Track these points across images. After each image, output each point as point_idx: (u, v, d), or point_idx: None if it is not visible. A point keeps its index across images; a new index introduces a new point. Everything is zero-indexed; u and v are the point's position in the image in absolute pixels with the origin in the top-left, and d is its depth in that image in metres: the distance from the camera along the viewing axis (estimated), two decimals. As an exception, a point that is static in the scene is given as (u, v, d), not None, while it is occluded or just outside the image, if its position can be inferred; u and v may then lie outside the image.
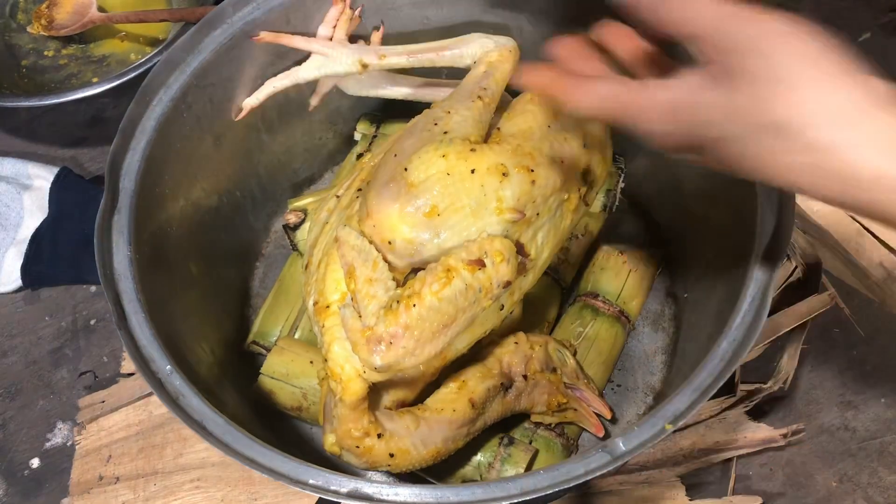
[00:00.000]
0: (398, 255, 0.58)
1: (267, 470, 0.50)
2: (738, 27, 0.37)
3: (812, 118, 0.34)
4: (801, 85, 0.35)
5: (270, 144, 0.79)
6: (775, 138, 0.35)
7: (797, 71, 0.35)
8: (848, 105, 0.34)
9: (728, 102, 0.36)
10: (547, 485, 0.49)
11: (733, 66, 0.36)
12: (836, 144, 0.34)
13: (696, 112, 0.38)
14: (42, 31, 0.96)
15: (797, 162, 0.35)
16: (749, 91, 0.36)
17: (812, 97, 0.35)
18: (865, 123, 0.34)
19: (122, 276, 0.58)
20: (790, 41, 0.36)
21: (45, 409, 0.79)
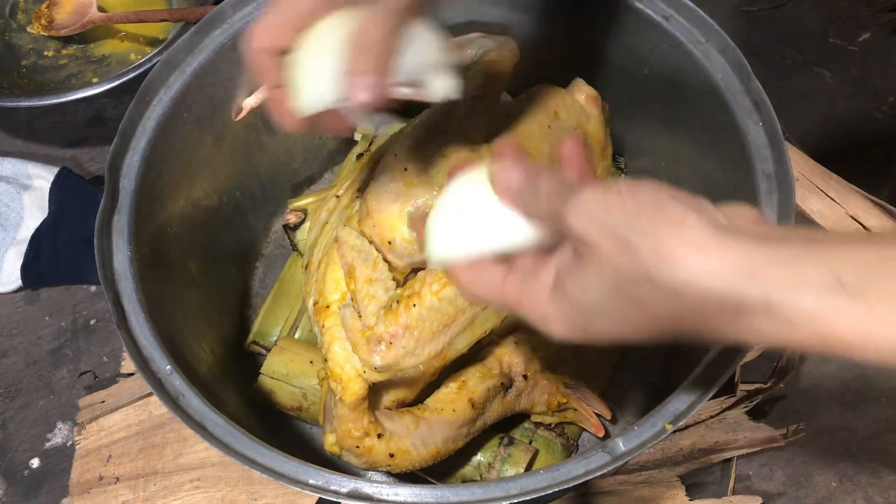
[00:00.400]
0: (398, 254, 0.58)
1: (267, 470, 0.50)
2: (565, 220, 0.36)
3: (673, 260, 0.32)
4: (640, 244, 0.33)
5: (270, 144, 0.79)
6: (648, 291, 0.33)
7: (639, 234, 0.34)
8: (700, 241, 0.32)
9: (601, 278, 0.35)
10: (547, 485, 0.49)
11: (582, 252, 0.36)
12: (699, 282, 0.32)
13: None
14: (42, 31, 0.96)
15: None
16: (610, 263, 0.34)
17: (663, 248, 0.33)
18: (721, 254, 0.32)
19: (121, 276, 0.58)
20: (606, 215, 0.35)
21: (45, 409, 0.79)
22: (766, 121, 0.61)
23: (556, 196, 0.37)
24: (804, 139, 0.89)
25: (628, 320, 0.35)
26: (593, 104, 0.72)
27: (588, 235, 0.35)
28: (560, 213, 0.36)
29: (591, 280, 0.35)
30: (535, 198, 0.38)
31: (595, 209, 0.35)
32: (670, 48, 0.67)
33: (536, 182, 0.38)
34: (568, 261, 0.37)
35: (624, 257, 0.33)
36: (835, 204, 0.75)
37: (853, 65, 0.97)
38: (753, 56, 0.63)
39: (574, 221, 0.35)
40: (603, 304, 0.35)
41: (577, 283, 0.36)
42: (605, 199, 0.35)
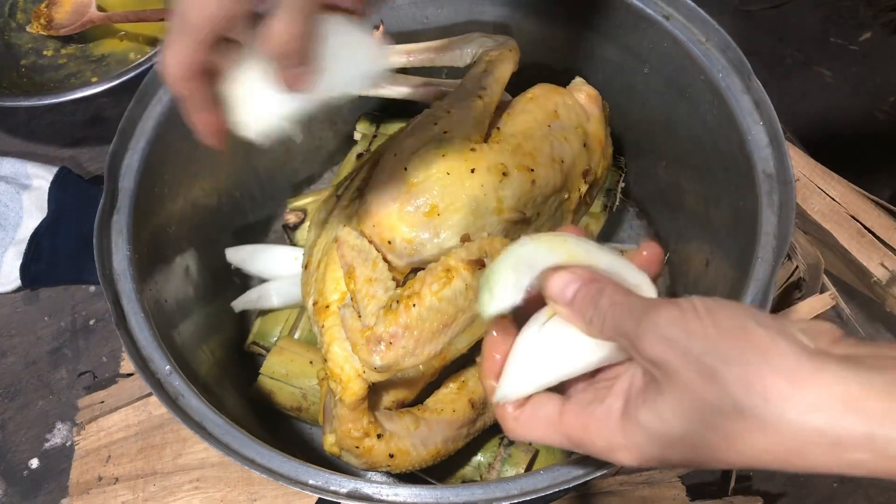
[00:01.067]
0: (398, 254, 0.58)
1: (266, 470, 0.50)
2: (636, 338, 0.34)
3: (766, 395, 0.31)
4: (735, 366, 0.32)
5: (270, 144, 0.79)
6: (735, 422, 0.32)
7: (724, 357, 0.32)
8: (793, 373, 0.31)
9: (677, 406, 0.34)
10: (547, 485, 0.49)
11: (657, 376, 0.34)
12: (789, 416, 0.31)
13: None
14: (41, 30, 0.96)
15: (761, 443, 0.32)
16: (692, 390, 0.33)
17: (755, 374, 0.31)
18: (817, 385, 0.31)
19: (121, 275, 0.58)
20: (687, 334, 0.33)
21: (45, 409, 0.79)
22: (766, 120, 0.61)
23: (623, 313, 0.35)
24: (805, 138, 0.89)
25: (712, 451, 0.33)
26: (593, 103, 0.72)
27: (669, 363, 0.33)
28: (633, 336, 0.34)
29: (672, 410, 0.33)
30: (598, 313, 0.36)
31: (675, 334, 0.33)
32: (670, 47, 0.66)
33: (599, 296, 0.37)
34: (639, 387, 0.36)
35: (710, 388, 0.32)
36: (835, 204, 0.75)
37: (854, 64, 0.97)
38: (754, 55, 0.63)
39: (652, 347, 0.33)
40: (684, 436, 0.33)
41: (653, 413, 0.34)
42: (683, 322, 0.33)
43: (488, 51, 0.66)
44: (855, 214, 0.75)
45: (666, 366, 0.33)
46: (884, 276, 0.72)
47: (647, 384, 0.35)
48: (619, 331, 0.35)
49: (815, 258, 0.76)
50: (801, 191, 0.77)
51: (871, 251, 0.73)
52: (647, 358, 0.34)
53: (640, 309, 0.34)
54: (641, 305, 0.35)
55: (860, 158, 0.89)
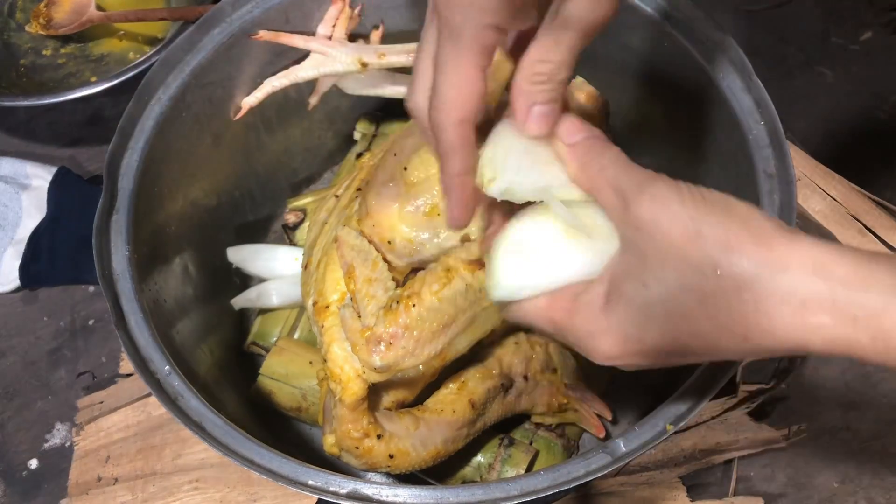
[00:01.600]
0: (398, 254, 0.58)
1: (266, 471, 0.50)
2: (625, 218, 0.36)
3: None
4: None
5: (269, 144, 0.79)
6: (712, 281, 0.33)
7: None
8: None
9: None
10: (547, 486, 0.49)
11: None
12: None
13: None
14: (40, 29, 0.96)
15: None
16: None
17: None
18: (789, 249, 0.32)
19: (120, 276, 0.58)
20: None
21: (44, 409, 0.78)
22: (767, 120, 0.61)
23: (626, 172, 0.37)
24: (806, 139, 0.89)
25: (689, 320, 0.34)
26: (593, 103, 0.71)
27: (658, 223, 0.34)
28: (630, 193, 0.35)
29: (654, 272, 0.35)
30: (596, 161, 0.38)
31: (671, 198, 0.34)
32: (671, 47, 0.66)
33: (603, 150, 0.38)
34: (625, 266, 0.36)
35: (693, 248, 0.33)
36: (836, 204, 0.75)
37: (855, 64, 0.96)
38: (755, 55, 0.63)
39: (647, 207, 0.35)
40: (663, 302, 0.35)
41: (637, 281, 0.35)
42: (679, 192, 0.35)
43: (488, 50, 0.66)
44: (856, 214, 0.74)
45: (654, 226, 0.34)
46: (884, 276, 0.72)
47: (631, 259, 0.36)
48: (615, 184, 0.36)
49: (816, 258, 0.76)
50: (802, 191, 0.77)
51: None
52: (635, 218, 0.35)
53: (642, 176, 0.36)
54: (643, 173, 0.36)
55: (861, 158, 0.89)
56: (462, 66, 0.37)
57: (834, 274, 0.31)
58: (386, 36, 0.72)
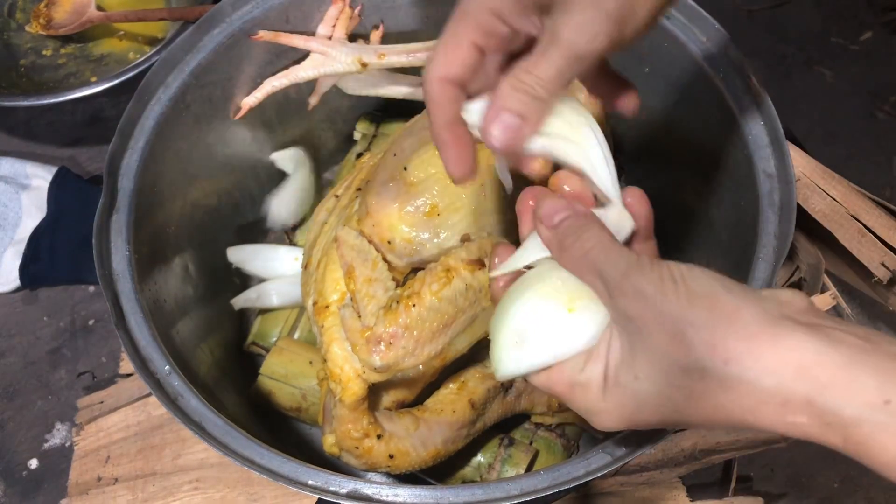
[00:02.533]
0: (398, 254, 0.58)
1: (266, 471, 0.50)
2: (618, 298, 0.36)
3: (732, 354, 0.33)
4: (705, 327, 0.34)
5: (269, 144, 0.79)
6: (699, 381, 0.34)
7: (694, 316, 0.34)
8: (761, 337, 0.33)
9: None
10: (547, 485, 0.49)
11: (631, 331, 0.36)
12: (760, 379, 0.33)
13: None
14: (40, 30, 0.96)
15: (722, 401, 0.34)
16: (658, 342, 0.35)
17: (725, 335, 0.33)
18: (773, 350, 0.33)
19: (120, 276, 0.58)
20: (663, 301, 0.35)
21: (44, 409, 0.78)
22: (767, 120, 0.61)
23: (609, 258, 0.37)
24: (805, 138, 0.89)
25: (678, 410, 0.36)
26: (593, 103, 0.71)
27: (643, 320, 0.35)
28: (613, 284, 0.36)
29: (644, 369, 0.36)
30: (579, 244, 0.38)
31: (653, 294, 0.35)
32: (670, 47, 0.66)
33: (584, 230, 0.38)
34: (617, 350, 0.38)
35: (678, 349, 0.34)
36: (836, 203, 0.75)
37: (854, 64, 0.97)
38: (755, 55, 0.63)
39: (631, 304, 0.36)
40: (655, 394, 0.36)
41: (630, 372, 0.37)
42: (662, 287, 0.35)
43: (488, 50, 0.66)
44: (856, 214, 0.74)
45: (639, 322, 0.35)
46: (884, 276, 0.72)
47: (623, 346, 0.37)
48: (597, 272, 0.37)
49: (816, 258, 0.76)
50: (802, 190, 0.77)
51: (871, 251, 0.73)
52: (622, 311, 0.36)
53: (626, 263, 0.36)
54: (627, 258, 0.37)
55: (861, 157, 0.89)
56: (457, 36, 0.40)
57: (816, 379, 0.32)
58: (386, 36, 0.72)
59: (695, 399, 0.34)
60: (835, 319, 0.35)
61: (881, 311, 0.81)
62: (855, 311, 0.79)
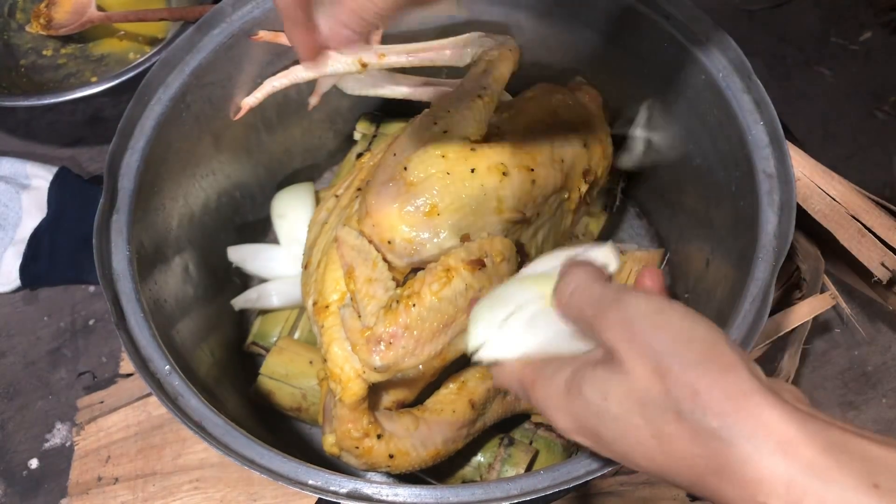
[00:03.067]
0: (398, 254, 0.58)
1: (266, 470, 0.50)
2: (601, 322, 0.35)
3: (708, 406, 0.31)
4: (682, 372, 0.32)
5: (269, 144, 0.79)
6: (670, 423, 0.32)
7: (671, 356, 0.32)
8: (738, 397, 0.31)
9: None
10: (547, 485, 0.49)
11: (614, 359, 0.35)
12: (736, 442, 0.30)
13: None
14: (41, 30, 0.96)
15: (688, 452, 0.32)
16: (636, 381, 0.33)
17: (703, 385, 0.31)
18: (759, 417, 0.30)
19: (120, 276, 0.58)
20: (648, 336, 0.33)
21: (44, 409, 0.78)
22: (767, 120, 0.61)
23: (589, 297, 0.36)
24: (805, 138, 0.89)
25: (641, 445, 0.33)
26: (594, 103, 0.71)
27: (624, 350, 0.33)
28: (598, 315, 0.35)
29: (616, 392, 0.34)
30: (569, 290, 0.37)
31: (642, 324, 0.33)
32: (671, 47, 0.66)
33: (573, 272, 0.38)
34: (593, 361, 0.36)
35: (659, 385, 0.32)
36: (836, 204, 0.75)
37: (854, 64, 0.96)
38: (754, 55, 0.63)
39: (612, 332, 0.34)
40: (619, 420, 0.34)
41: (598, 390, 0.34)
42: (655, 318, 0.33)
43: (488, 51, 0.66)
44: (855, 214, 0.74)
45: (623, 353, 0.33)
46: (884, 276, 0.72)
47: (600, 363, 0.35)
48: (580, 309, 0.36)
49: (816, 258, 0.76)
50: (802, 190, 0.77)
51: (871, 251, 0.73)
52: (605, 341, 0.34)
53: (615, 291, 0.35)
54: (616, 288, 0.35)
55: (861, 158, 0.89)
56: None
57: (799, 456, 0.29)
58: (386, 36, 0.72)
59: (662, 440, 0.32)
60: (827, 414, 0.32)
61: (881, 310, 0.81)
62: (855, 311, 0.79)
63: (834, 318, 0.81)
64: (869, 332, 0.80)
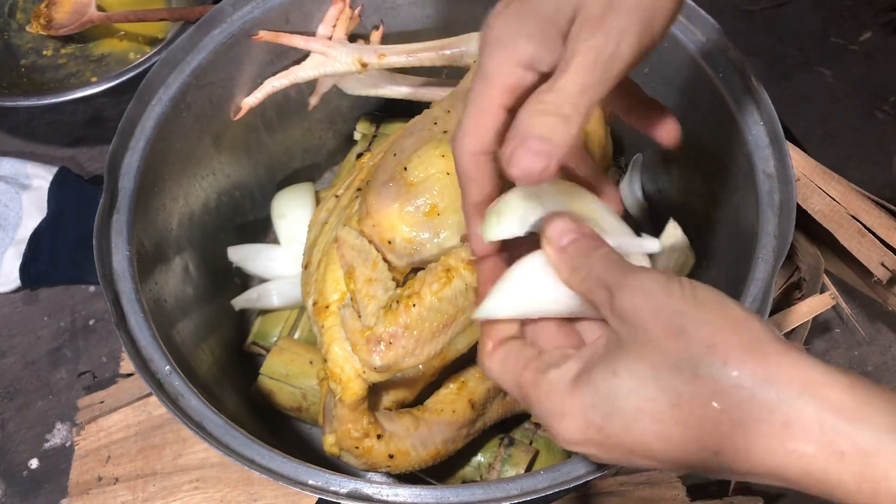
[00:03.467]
0: (398, 254, 0.58)
1: (266, 471, 0.50)
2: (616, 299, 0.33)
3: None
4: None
5: (270, 144, 0.79)
6: (687, 382, 0.30)
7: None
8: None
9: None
10: (547, 485, 0.49)
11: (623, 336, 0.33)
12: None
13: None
14: (41, 30, 0.96)
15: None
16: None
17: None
18: (780, 363, 0.29)
19: (120, 276, 0.58)
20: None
21: (44, 409, 0.79)
22: (766, 120, 0.61)
23: (611, 267, 0.34)
24: (805, 138, 0.89)
25: (656, 422, 0.31)
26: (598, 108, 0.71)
27: (640, 314, 0.32)
28: (614, 285, 0.33)
29: (627, 363, 0.32)
30: (585, 263, 0.35)
31: (655, 290, 0.32)
32: (670, 47, 0.66)
33: (593, 251, 0.36)
34: (600, 351, 0.34)
35: (673, 344, 0.31)
36: (836, 204, 0.75)
37: (854, 64, 0.97)
38: (754, 55, 0.63)
39: (629, 299, 0.32)
40: (631, 397, 0.31)
41: (607, 368, 0.32)
42: (667, 285, 0.32)
43: (488, 50, 0.66)
44: (855, 214, 0.74)
45: (636, 318, 0.32)
46: (884, 276, 0.72)
47: (608, 344, 0.34)
48: (601, 281, 0.34)
49: (816, 258, 0.76)
50: (802, 190, 0.77)
51: (871, 251, 0.73)
52: (619, 310, 0.33)
53: (631, 268, 0.34)
54: (632, 267, 0.34)
55: (861, 158, 0.89)
56: (484, 103, 0.37)
57: (826, 397, 0.28)
58: (386, 36, 0.72)
59: (679, 406, 0.30)
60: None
61: (881, 310, 0.81)
62: (855, 311, 0.80)
63: (834, 318, 0.81)
64: (869, 332, 0.80)
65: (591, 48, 0.34)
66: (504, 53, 0.36)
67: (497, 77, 0.37)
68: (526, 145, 0.34)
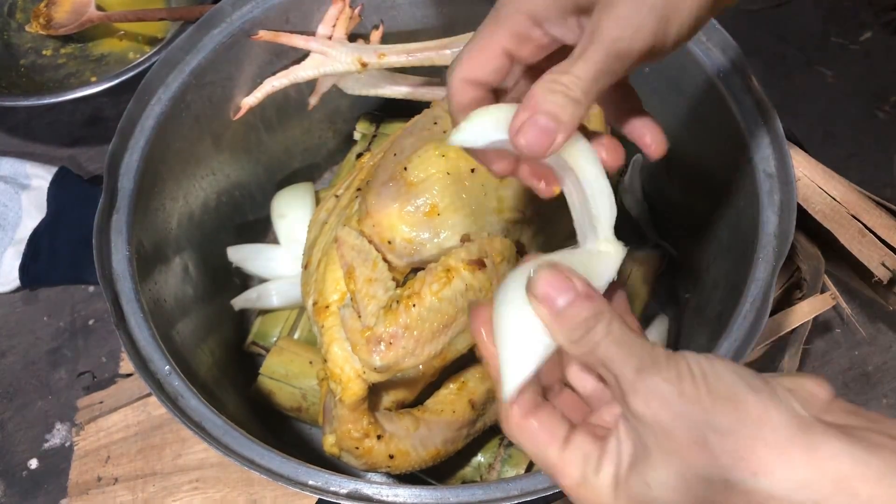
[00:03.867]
0: (398, 254, 0.58)
1: (266, 471, 0.50)
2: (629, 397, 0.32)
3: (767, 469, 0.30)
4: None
5: (269, 144, 0.79)
6: (722, 494, 0.30)
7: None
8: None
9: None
10: (547, 485, 0.49)
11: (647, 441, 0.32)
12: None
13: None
14: (40, 29, 0.96)
15: None
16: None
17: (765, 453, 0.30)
18: (808, 461, 0.29)
19: (120, 276, 0.58)
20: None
21: (44, 409, 0.78)
22: (767, 120, 0.61)
23: (621, 356, 0.33)
24: (805, 138, 0.89)
25: None
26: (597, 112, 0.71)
27: (658, 421, 0.31)
28: (627, 384, 0.32)
29: (659, 476, 0.32)
30: (588, 338, 0.34)
31: (669, 395, 0.31)
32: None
33: (595, 322, 0.34)
34: (629, 452, 0.33)
35: (700, 456, 0.30)
36: (836, 203, 0.75)
37: (854, 64, 0.96)
38: (755, 55, 0.63)
39: (643, 405, 0.32)
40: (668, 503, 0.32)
41: (641, 480, 0.32)
42: (680, 386, 0.31)
43: (488, 50, 0.66)
44: (856, 214, 0.74)
45: (655, 423, 0.32)
46: (884, 276, 0.72)
47: (636, 448, 0.33)
48: (607, 369, 0.33)
49: (816, 258, 0.76)
50: (802, 190, 0.77)
51: (871, 251, 0.73)
52: (636, 412, 0.32)
53: (640, 358, 0.33)
54: (640, 353, 0.33)
55: (861, 158, 0.89)
56: (488, 40, 0.39)
57: (857, 491, 0.28)
58: (386, 36, 0.72)
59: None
60: (861, 413, 0.31)
61: (881, 310, 0.80)
62: (855, 311, 0.79)
63: (834, 318, 0.81)
64: (869, 332, 0.80)
65: (607, 39, 0.35)
66: (520, 3, 0.38)
67: (508, 19, 0.38)
68: (535, 120, 0.35)
